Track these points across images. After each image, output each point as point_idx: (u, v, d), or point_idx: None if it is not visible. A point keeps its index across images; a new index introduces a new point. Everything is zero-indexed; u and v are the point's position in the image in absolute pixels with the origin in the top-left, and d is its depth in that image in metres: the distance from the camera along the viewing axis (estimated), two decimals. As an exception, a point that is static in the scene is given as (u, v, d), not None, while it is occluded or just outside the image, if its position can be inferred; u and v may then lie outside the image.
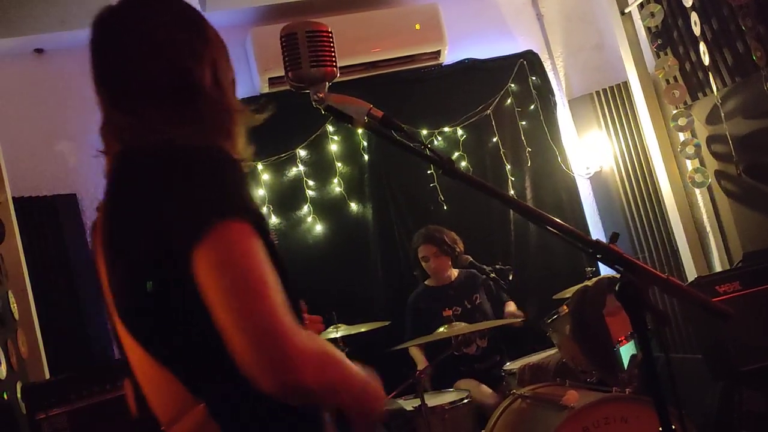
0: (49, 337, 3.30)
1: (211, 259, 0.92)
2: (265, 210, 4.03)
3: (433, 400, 3.03)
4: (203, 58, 1.13)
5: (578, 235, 1.15)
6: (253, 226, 0.97)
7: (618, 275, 2.83)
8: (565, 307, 2.84)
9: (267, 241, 1.00)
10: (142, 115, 1.09)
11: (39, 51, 3.94)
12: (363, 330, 3.26)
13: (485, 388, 3.41)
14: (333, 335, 3.14)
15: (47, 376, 3.15)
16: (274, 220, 4.05)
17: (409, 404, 3.04)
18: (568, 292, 3.38)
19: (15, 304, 2.97)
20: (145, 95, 1.10)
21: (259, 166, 4.04)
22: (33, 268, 3.36)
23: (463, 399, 3.01)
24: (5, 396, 2.59)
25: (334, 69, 1.16)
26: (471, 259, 3.60)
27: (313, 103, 1.18)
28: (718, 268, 4.09)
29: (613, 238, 1.18)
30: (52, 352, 3.29)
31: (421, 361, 3.52)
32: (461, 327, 3.00)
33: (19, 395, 2.68)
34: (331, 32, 1.17)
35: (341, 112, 1.17)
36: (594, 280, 2.92)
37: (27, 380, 2.86)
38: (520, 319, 3.47)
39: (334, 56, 1.16)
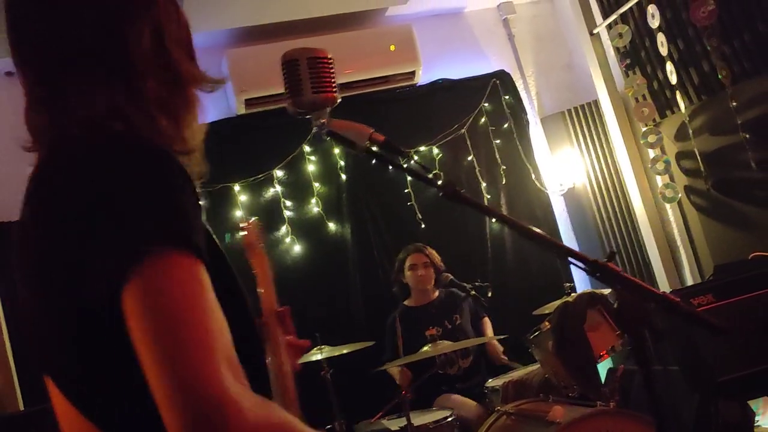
0: (22, 367, 3.22)
1: (139, 302, 0.73)
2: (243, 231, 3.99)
3: (417, 419, 3.02)
4: (140, 18, 0.92)
5: (580, 256, 1.17)
6: (195, 254, 0.76)
7: (599, 291, 2.87)
8: (547, 323, 2.88)
9: (220, 266, 0.85)
10: (64, 87, 0.88)
11: (9, 74, 3.88)
12: (345, 351, 3.25)
13: (470, 402, 3.41)
14: (316, 357, 3.12)
15: (21, 407, 3.07)
16: (241, 246, 4.02)
17: (394, 424, 3.03)
18: (548, 308, 3.42)
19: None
20: (67, 63, 0.89)
21: (236, 187, 4.02)
22: (5, 298, 3.28)
23: (447, 417, 3.01)
24: (-19, 428, 2.51)
25: (335, 95, 1.17)
26: (451, 277, 3.63)
27: (314, 128, 1.18)
28: (689, 281, 4.19)
29: (611, 256, 1.21)
30: (25, 383, 3.20)
31: (398, 375, 3.49)
32: (445, 345, 3.01)
33: (-6, 427, 2.60)
34: (331, 58, 1.18)
35: (343, 137, 1.18)
36: (574, 295, 2.96)
37: (3, 411, 2.78)
38: (499, 355, 3.54)
39: (335, 82, 1.18)
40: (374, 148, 1.23)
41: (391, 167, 3.90)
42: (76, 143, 0.84)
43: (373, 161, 4.40)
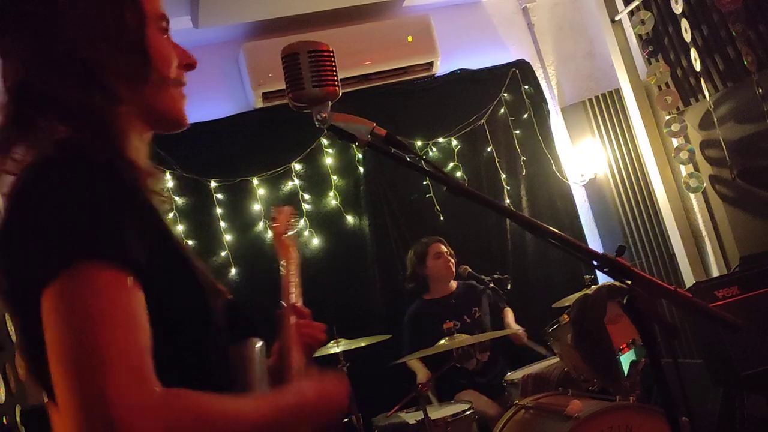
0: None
1: (50, 311, 0.76)
2: (261, 224, 4.02)
3: (435, 413, 3.01)
4: (85, 19, 0.92)
5: (586, 250, 1.15)
6: (120, 267, 0.78)
7: (619, 283, 2.82)
8: (566, 316, 2.84)
9: (174, 263, 0.89)
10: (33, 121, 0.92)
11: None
12: (363, 344, 3.25)
13: (487, 400, 3.40)
14: (334, 350, 3.13)
15: (45, 399, 3.12)
16: (270, 234, 4.03)
17: (412, 417, 3.03)
18: (568, 301, 3.38)
19: (12, 327, 2.94)
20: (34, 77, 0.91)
21: (255, 181, 4.03)
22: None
23: (465, 411, 3.00)
24: (4, 420, 2.56)
25: (337, 88, 1.16)
26: (470, 269, 3.60)
27: (316, 123, 1.17)
28: (714, 272, 4.11)
29: (620, 251, 1.18)
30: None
31: (421, 371, 3.50)
32: (463, 338, 2.99)
33: (18, 419, 2.65)
34: (332, 51, 1.17)
35: (344, 131, 1.17)
36: (594, 288, 2.92)
37: (26, 403, 2.82)
38: (523, 339, 3.49)
39: (336, 75, 1.16)
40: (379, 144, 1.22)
41: (397, 162, 3.89)
42: (28, 167, 0.88)
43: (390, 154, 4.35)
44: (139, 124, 0.98)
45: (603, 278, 4.37)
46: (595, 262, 1.16)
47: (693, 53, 3.74)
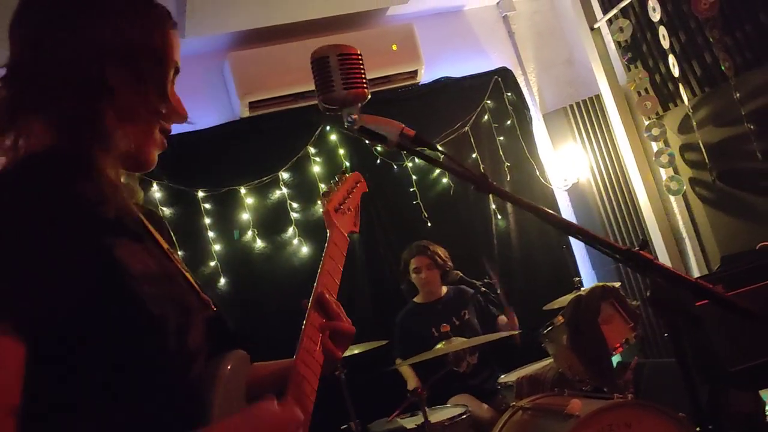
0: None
1: None
2: (250, 234, 4.00)
3: (432, 417, 3.02)
4: (74, 31, 0.93)
5: (610, 244, 1.18)
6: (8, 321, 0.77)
7: (610, 284, 2.86)
8: (560, 317, 2.88)
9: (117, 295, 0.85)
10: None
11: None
12: (357, 351, 3.24)
13: (480, 403, 3.42)
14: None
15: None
16: (259, 243, 4.02)
17: (409, 423, 3.04)
18: (558, 303, 3.43)
19: None
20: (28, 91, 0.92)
21: (243, 190, 4.02)
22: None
23: (462, 414, 3.02)
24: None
25: (366, 90, 1.18)
26: (461, 274, 3.63)
27: (345, 124, 1.19)
28: (696, 272, 4.20)
29: (643, 245, 1.21)
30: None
31: (411, 378, 3.51)
32: (458, 342, 3.01)
33: None
34: (360, 54, 1.19)
35: (374, 133, 1.19)
36: (587, 289, 2.97)
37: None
38: (516, 332, 3.50)
39: (365, 78, 1.18)
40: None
41: (425, 161, 3.93)
42: None
43: (378, 159, 4.30)
44: (118, 150, 0.96)
45: (588, 280, 4.45)
46: (618, 256, 1.19)
47: (671, 59, 3.85)
